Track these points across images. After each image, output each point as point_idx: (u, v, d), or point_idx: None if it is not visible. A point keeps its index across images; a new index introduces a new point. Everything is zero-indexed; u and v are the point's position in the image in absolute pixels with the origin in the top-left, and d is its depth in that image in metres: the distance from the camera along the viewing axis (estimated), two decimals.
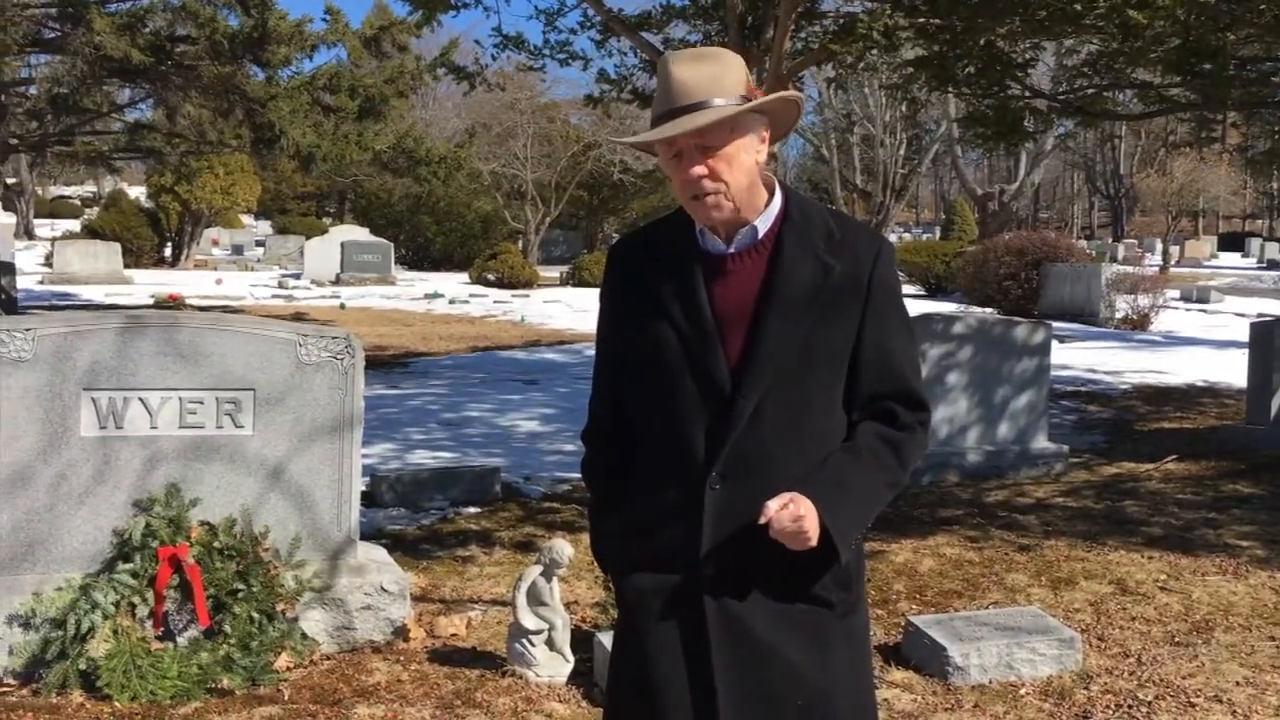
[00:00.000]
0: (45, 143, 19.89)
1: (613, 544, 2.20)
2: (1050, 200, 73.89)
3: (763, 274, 2.07)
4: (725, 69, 2.03)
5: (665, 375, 2.08)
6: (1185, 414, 10.91)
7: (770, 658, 2.03)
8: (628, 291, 2.17)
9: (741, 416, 2.03)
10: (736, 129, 2.03)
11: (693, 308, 2.07)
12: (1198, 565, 5.72)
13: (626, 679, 2.15)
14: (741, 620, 2.03)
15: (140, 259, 32.44)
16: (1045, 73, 18.34)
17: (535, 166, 39.08)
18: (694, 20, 8.45)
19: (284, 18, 14.64)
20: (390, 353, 15.16)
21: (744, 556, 2.03)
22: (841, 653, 2.08)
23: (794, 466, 2.03)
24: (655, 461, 2.12)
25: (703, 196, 2.03)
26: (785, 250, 2.08)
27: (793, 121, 2.16)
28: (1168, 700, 4.09)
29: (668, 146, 2.04)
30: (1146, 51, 8.43)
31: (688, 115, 1.99)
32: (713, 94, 2.00)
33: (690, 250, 2.11)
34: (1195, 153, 45.03)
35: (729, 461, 2.03)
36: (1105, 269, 21.14)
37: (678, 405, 2.07)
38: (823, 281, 2.06)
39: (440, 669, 4.28)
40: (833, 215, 2.16)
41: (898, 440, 2.10)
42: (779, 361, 2.03)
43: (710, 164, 2.01)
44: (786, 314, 2.04)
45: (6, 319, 4.37)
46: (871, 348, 2.10)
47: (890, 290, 2.13)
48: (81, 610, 3.98)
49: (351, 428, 4.54)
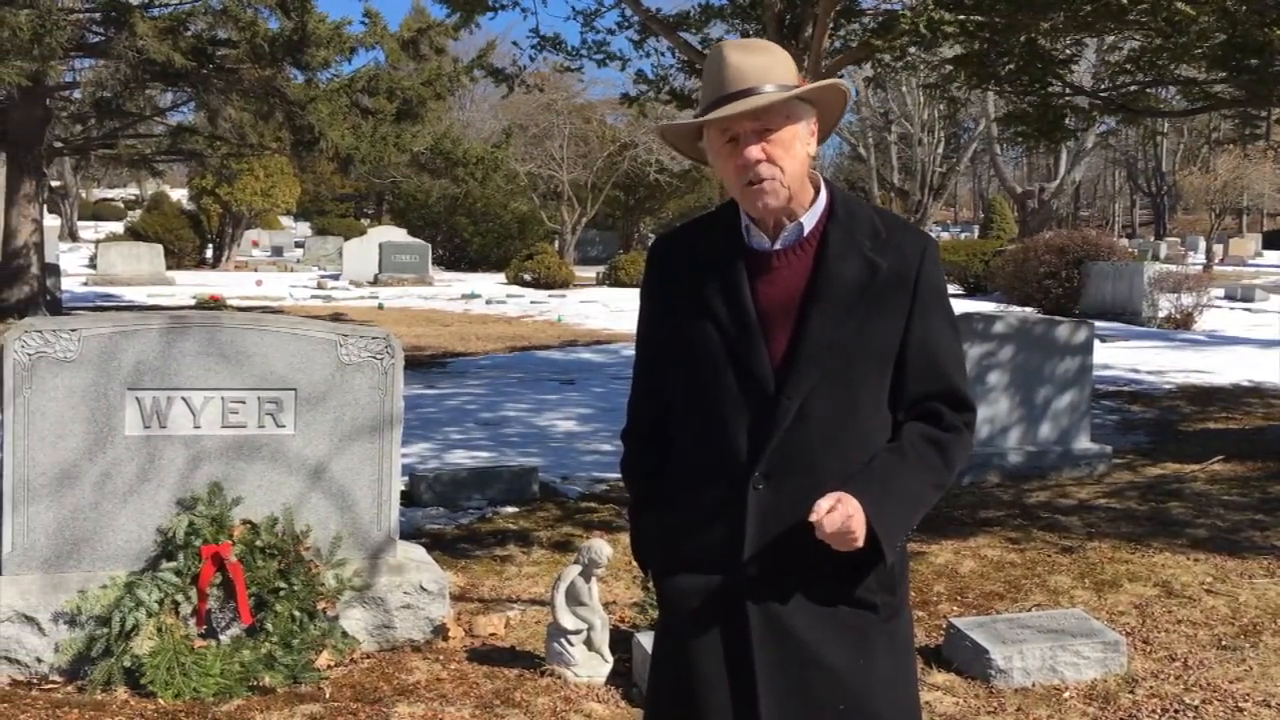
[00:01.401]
0: (89, 146, 20.18)
1: (653, 544, 2.18)
2: (1091, 198, 73.13)
3: (809, 271, 2.05)
4: (776, 60, 2.04)
5: (708, 373, 2.06)
6: (1230, 414, 10.76)
7: (813, 661, 2.01)
8: (669, 290, 2.15)
9: (786, 415, 2.00)
10: (791, 115, 2.03)
11: (737, 305, 2.05)
12: (1244, 567, 5.64)
13: (667, 680, 2.14)
14: (784, 622, 2.01)
15: (182, 260, 32.81)
16: (1087, 69, 18.14)
17: (571, 167, 39.16)
18: (732, 19, 8.42)
19: (323, 20, 14.76)
20: (428, 353, 15.23)
21: (788, 558, 2.01)
22: (884, 657, 2.06)
23: (838, 466, 2.01)
24: (697, 460, 2.10)
25: (759, 182, 2.00)
26: (831, 247, 2.06)
27: (838, 115, 2.14)
28: (1215, 705, 4.03)
29: (721, 133, 2.02)
30: (1191, 47, 8.31)
31: (744, 99, 1.98)
32: (766, 81, 2.00)
33: (734, 247, 2.09)
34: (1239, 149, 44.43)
35: (773, 461, 2.01)
36: (1148, 267, 20.89)
37: (720, 404, 2.05)
38: (869, 279, 2.04)
39: (479, 668, 4.28)
40: (878, 213, 2.14)
41: (944, 441, 2.08)
42: (825, 360, 2.01)
43: (766, 148, 2.00)
44: (833, 311, 2.02)
45: (52, 319, 4.43)
46: (917, 347, 2.07)
47: (937, 289, 2.10)
48: (126, 608, 4.02)
49: (391, 427, 4.56)
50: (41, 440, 4.14)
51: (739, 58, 2.01)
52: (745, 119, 1.99)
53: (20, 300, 17.10)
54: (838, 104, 2.11)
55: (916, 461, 2.05)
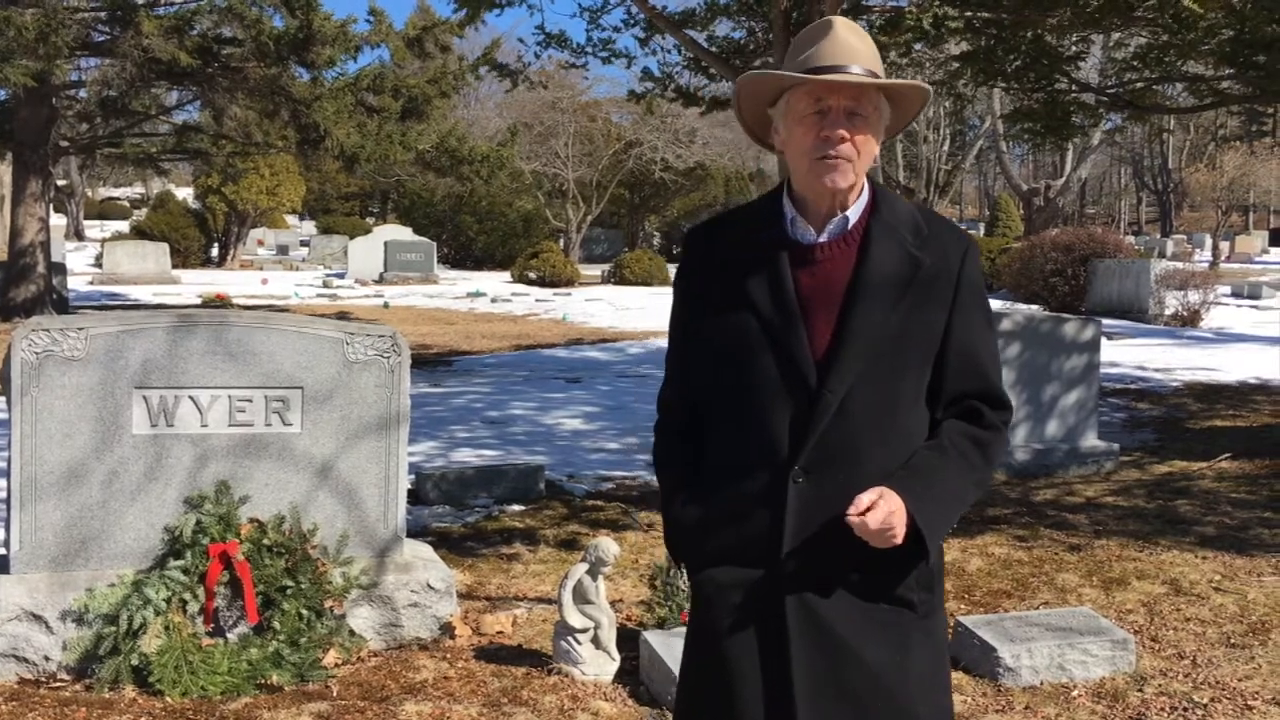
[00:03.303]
0: (95, 145, 20.22)
1: (688, 536, 2.14)
2: (1097, 195, 72.99)
3: (852, 264, 2.04)
4: (876, 53, 2.04)
5: (748, 364, 2.04)
6: (1238, 412, 10.73)
7: (850, 658, 1.99)
8: (708, 279, 2.12)
9: (829, 409, 1.99)
10: (879, 107, 2.03)
11: (780, 295, 2.03)
12: (1253, 566, 5.62)
13: (701, 674, 2.12)
14: (822, 618, 1.99)
15: (187, 259, 32.85)
16: (1093, 66, 18.10)
17: (576, 165, 39.16)
18: (738, 16, 8.41)
19: (328, 19, 14.78)
20: (434, 351, 15.24)
21: (827, 552, 1.99)
22: (921, 655, 2.05)
23: (879, 461, 2.00)
24: (735, 452, 2.07)
25: (834, 159, 1.99)
26: (875, 241, 2.04)
27: (910, 118, 2.13)
28: (1224, 703, 4.02)
29: (813, 100, 2.00)
30: (1198, 43, 8.28)
31: (846, 74, 1.98)
32: (873, 68, 2.00)
33: (776, 237, 2.08)
34: (1246, 146, 44.31)
35: (814, 455, 1.99)
36: (1154, 265, 20.84)
37: (760, 395, 2.03)
38: (912, 275, 2.03)
39: (486, 667, 4.28)
40: (919, 210, 2.14)
41: (985, 440, 2.08)
42: (867, 353, 2.00)
43: (851, 130, 1.99)
44: (876, 305, 2.01)
45: (59, 318, 4.43)
46: (957, 345, 2.07)
47: (977, 288, 2.10)
48: (134, 606, 4.02)
49: (398, 425, 4.56)
50: (49, 439, 4.14)
51: (848, 35, 2.01)
52: (850, 90, 1.98)
53: (27, 299, 17.14)
54: (915, 108, 2.10)
55: (958, 459, 2.04)
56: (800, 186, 2.08)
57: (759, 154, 47.92)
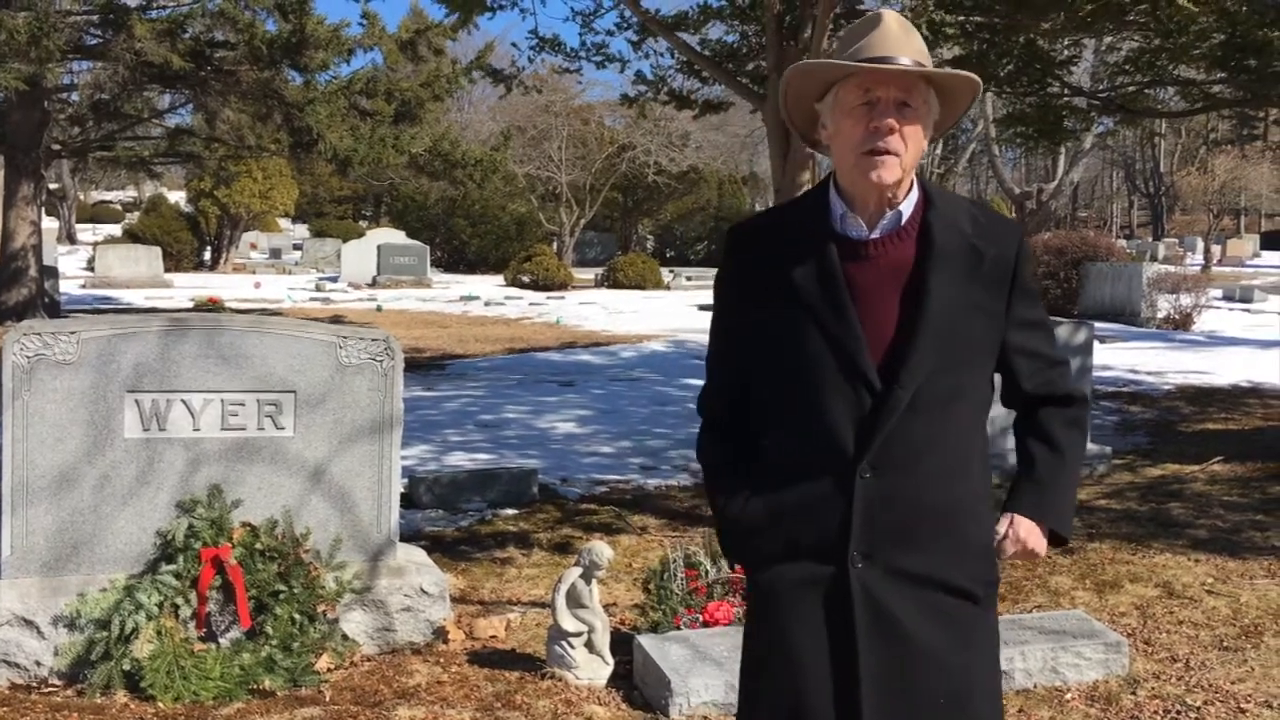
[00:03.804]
0: (87, 148, 20.19)
1: (749, 535, 2.11)
2: (1089, 199, 73.16)
3: (911, 257, 2.02)
4: (926, 50, 2.04)
5: (807, 365, 2.02)
6: (1230, 415, 10.75)
7: (918, 654, 2.00)
8: (754, 278, 2.09)
9: (899, 404, 1.97)
10: (928, 102, 2.02)
11: (832, 295, 2.00)
12: (1245, 568, 5.63)
13: (767, 671, 2.10)
14: (890, 613, 1.99)
15: (180, 263, 32.79)
16: (1085, 70, 18.15)
17: (570, 168, 39.16)
18: (731, 20, 8.42)
19: (321, 22, 14.77)
20: (427, 355, 15.22)
21: (894, 548, 1.99)
22: (983, 651, 2.07)
23: (944, 456, 2.02)
24: (796, 451, 2.05)
25: (882, 153, 1.97)
26: (936, 233, 2.03)
27: (958, 114, 2.11)
28: (1217, 706, 4.02)
29: (862, 91, 1.98)
30: (1190, 47, 8.31)
31: (904, 66, 1.97)
32: (922, 60, 2.00)
33: (825, 234, 2.05)
34: (1237, 150, 44.43)
35: (881, 450, 1.98)
36: (1146, 268, 20.89)
37: (822, 396, 2.01)
38: (976, 267, 2.03)
39: (480, 671, 4.27)
40: (971, 202, 2.14)
41: (1079, 420, 2.17)
42: (937, 347, 1.99)
43: (900, 121, 1.97)
44: (944, 298, 2.00)
45: (51, 322, 4.42)
46: (1022, 329, 2.09)
47: (1032, 275, 2.13)
48: (125, 611, 4.01)
49: (391, 429, 4.55)
50: (41, 443, 4.13)
51: (897, 27, 2.00)
52: (899, 79, 1.96)
53: (18, 303, 17.10)
54: (964, 101, 2.08)
55: (1069, 450, 2.14)
56: (846, 181, 2.05)
57: (752, 157, 47.96)
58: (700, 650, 4.07)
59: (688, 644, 4.13)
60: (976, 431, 2.09)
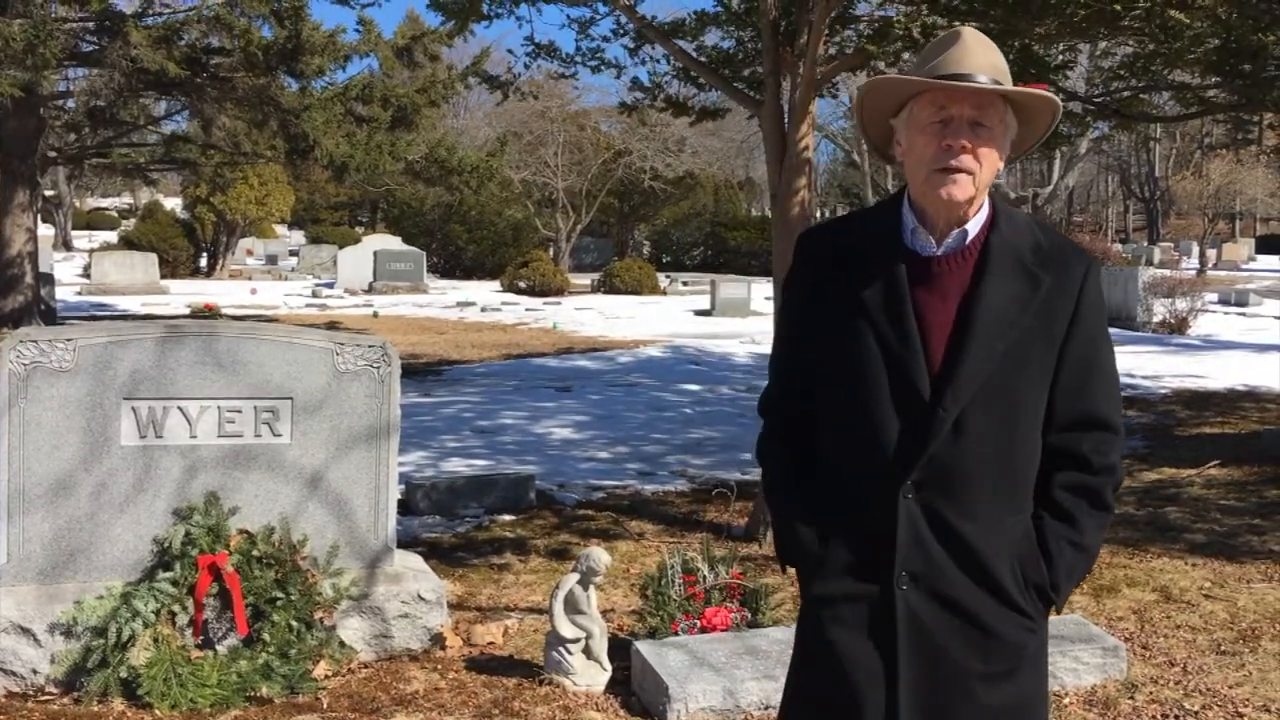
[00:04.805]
0: (83, 155, 20.17)
1: (804, 544, 2.11)
2: (1084, 203, 73.24)
3: (968, 278, 2.01)
4: (1006, 69, 2.02)
5: (862, 376, 2.02)
6: (1226, 418, 10.77)
7: (959, 678, 1.98)
8: (823, 285, 2.09)
9: (943, 427, 1.96)
10: (1005, 121, 2.00)
11: (897, 309, 2.00)
12: (1242, 572, 5.64)
13: (811, 686, 2.10)
14: (935, 640, 1.98)
15: (176, 269, 32.76)
16: (1080, 75, 18.19)
17: (566, 174, 39.17)
18: (727, 26, 8.42)
19: (317, 29, 14.75)
20: (424, 361, 15.21)
21: (939, 570, 1.98)
22: (1029, 675, 2.04)
23: (992, 482, 1.99)
24: (847, 464, 2.06)
25: (954, 171, 1.95)
26: (993, 257, 2.01)
27: (1039, 135, 2.08)
28: (1215, 710, 4.03)
29: (936, 108, 1.97)
30: (1184, 52, 8.32)
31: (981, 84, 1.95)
32: (1000, 79, 1.98)
33: (894, 248, 2.04)
34: (1232, 154, 44.51)
35: (925, 471, 1.97)
36: (1142, 272, 20.92)
37: (875, 410, 2.00)
38: (1031, 294, 2.00)
39: (478, 677, 4.27)
40: (1039, 227, 2.10)
41: (1097, 487, 2.10)
42: (984, 372, 1.97)
43: (973, 141, 1.96)
44: (994, 324, 1.98)
45: (47, 329, 4.41)
46: (1075, 368, 2.05)
47: (1099, 310, 2.07)
48: (122, 618, 4.01)
49: (388, 435, 4.55)
50: (37, 450, 4.12)
51: (980, 47, 1.98)
52: (974, 98, 1.95)
53: (15, 310, 17.07)
54: (1044, 121, 2.05)
55: (1085, 520, 2.07)
56: (917, 197, 2.05)
57: (748, 162, 48.01)
58: (698, 656, 4.07)
59: (685, 650, 4.12)
60: (1036, 462, 2.06)
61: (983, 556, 1.98)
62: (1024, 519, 2.04)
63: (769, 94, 6.62)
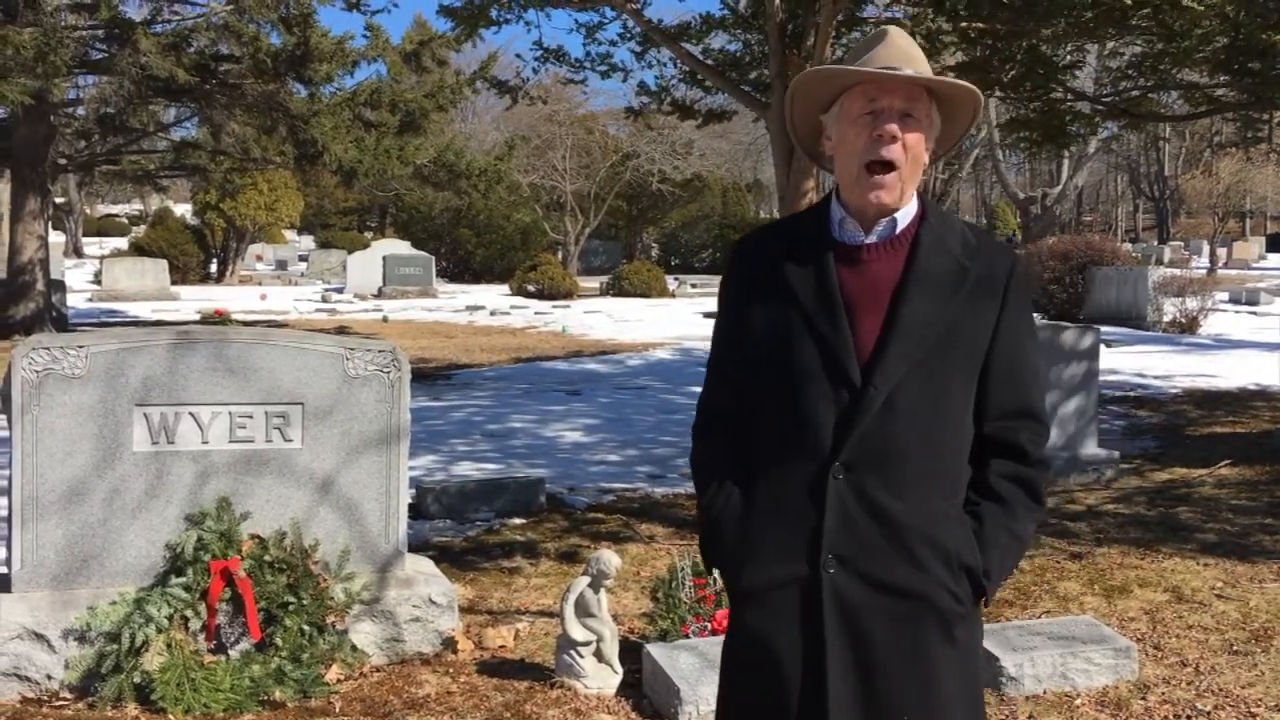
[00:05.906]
0: (93, 162, 20.27)
1: (722, 540, 2.11)
2: (1094, 203, 73.08)
3: (901, 265, 2.04)
4: (928, 66, 2.06)
5: (790, 359, 2.04)
6: (1238, 418, 10.74)
7: (886, 668, 1.98)
8: (755, 282, 2.12)
9: (872, 406, 1.98)
10: (931, 116, 2.06)
11: (824, 292, 2.03)
12: (1255, 572, 5.62)
13: (740, 677, 2.11)
14: (861, 624, 1.98)
15: (186, 275, 32.87)
16: (1089, 75, 18.16)
17: (574, 177, 39.22)
18: (734, 29, 8.43)
19: (325, 35, 14.82)
20: (433, 365, 15.24)
21: (868, 552, 1.98)
22: (956, 660, 2.03)
23: (921, 461, 2.00)
24: (777, 450, 2.06)
25: (883, 167, 2.01)
26: (923, 246, 2.06)
27: (961, 131, 2.13)
28: (1227, 710, 4.02)
29: (867, 100, 2.02)
30: (1193, 51, 8.32)
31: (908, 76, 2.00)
32: (925, 74, 2.04)
33: (822, 239, 2.09)
34: (1241, 153, 44.36)
35: (855, 451, 1.98)
36: (1152, 272, 20.87)
37: (803, 391, 2.02)
38: (960, 282, 2.04)
39: (489, 681, 4.28)
40: (967, 225, 2.16)
41: (1031, 479, 2.09)
42: (914, 352, 2.00)
43: (902, 131, 2.01)
44: (925, 304, 2.01)
45: (59, 336, 4.44)
46: (1004, 357, 2.07)
47: (1024, 303, 2.11)
48: (136, 624, 4.02)
49: (398, 440, 4.56)
50: (50, 457, 4.14)
51: (905, 43, 2.05)
52: (904, 90, 2.00)
53: (26, 317, 17.16)
54: (966, 117, 2.11)
55: (1021, 510, 2.07)
56: (846, 194, 2.09)
57: (756, 165, 48.02)
58: (709, 658, 4.07)
59: (696, 652, 4.13)
60: (965, 441, 2.07)
61: (911, 536, 1.98)
62: (956, 504, 2.05)
63: (776, 96, 6.63)
